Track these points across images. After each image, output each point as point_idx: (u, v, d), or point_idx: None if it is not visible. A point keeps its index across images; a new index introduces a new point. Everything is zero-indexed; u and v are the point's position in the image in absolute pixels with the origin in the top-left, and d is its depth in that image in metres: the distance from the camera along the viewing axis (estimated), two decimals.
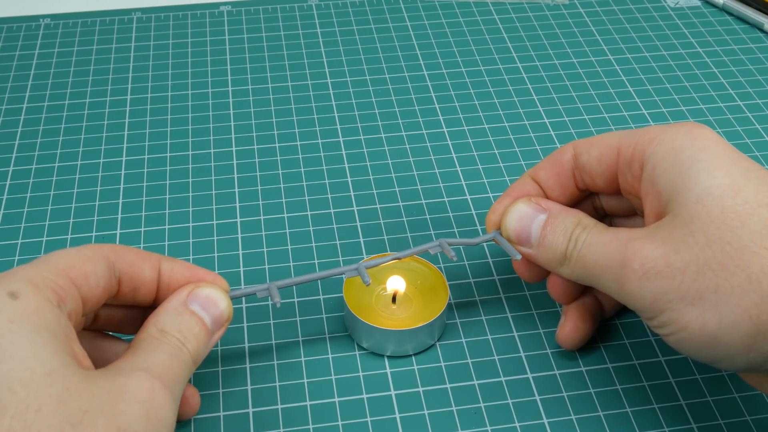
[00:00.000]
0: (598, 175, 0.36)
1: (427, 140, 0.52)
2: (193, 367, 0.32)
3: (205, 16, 0.64)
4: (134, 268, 0.33)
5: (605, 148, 0.36)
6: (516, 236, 0.37)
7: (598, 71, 0.58)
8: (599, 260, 0.33)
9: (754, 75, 0.58)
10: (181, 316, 0.32)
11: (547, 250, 0.35)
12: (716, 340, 0.30)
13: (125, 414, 0.27)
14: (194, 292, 0.33)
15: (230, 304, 0.34)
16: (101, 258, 0.32)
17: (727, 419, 0.37)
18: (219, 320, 0.33)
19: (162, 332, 0.31)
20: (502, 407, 0.37)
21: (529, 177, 0.38)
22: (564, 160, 0.37)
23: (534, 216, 0.36)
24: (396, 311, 0.40)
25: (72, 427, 0.26)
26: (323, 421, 0.36)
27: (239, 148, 0.51)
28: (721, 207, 0.31)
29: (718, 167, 0.32)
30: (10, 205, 0.47)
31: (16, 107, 0.55)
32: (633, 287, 0.32)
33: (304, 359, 0.39)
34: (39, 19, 0.63)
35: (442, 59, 0.59)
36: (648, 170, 0.34)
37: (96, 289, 0.31)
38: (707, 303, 0.30)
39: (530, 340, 0.40)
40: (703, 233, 0.30)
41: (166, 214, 0.47)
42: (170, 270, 0.34)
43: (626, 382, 0.38)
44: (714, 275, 0.30)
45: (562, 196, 0.38)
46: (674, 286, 0.30)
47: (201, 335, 0.32)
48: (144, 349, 0.30)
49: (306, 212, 0.47)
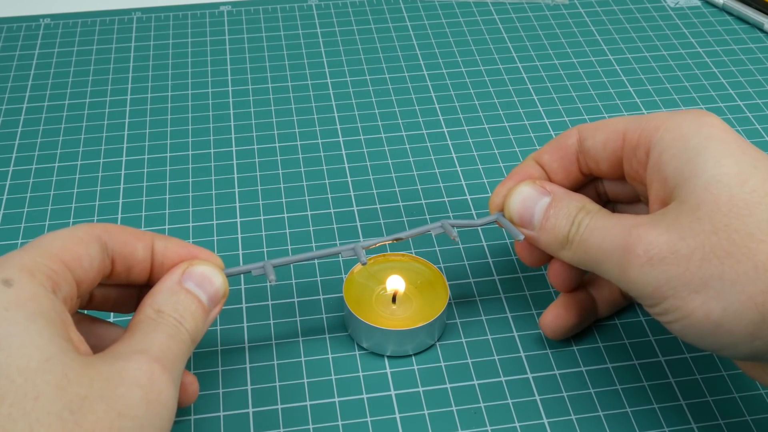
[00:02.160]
0: (603, 160, 0.36)
1: (427, 140, 0.52)
2: (192, 346, 0.32)
3: (205, 16, 0.64)
4: (127, 248, 0.32)
5: (611, 133, 0.36)
6: (519, 218, 0.36)
7: (598, 71, 0.58)
8: (602, 245, 0.33)
9: (754, 75, 0.58)
10: (176, 295, 0.32)
11: (549, 233, 0.35)
12: (720, 328, 0.30)
13: (125, 398, 0.27)
14: (188, 270, 0.33)
15: (225, 280, 0.34)
16: (94, 239, 0.31)
17: (727, 419, 0.37)
18: (215, 297, 0.33)
19: (158, 313, 0.31)
20: (502, 407, 0.37)
21: (533, 160, 0.38)
22: (568, 144, 0.37)
23: (538, 198, 0.36)
24: (396, 311, 0.40)
25: (71, 413, 0.26)
26: (323, 421, 0.36)
27: (239, 148, 0.51)
28: (729, 195, 0.30)
29: (726, 155, 0.31)
30: (10, 205, 0.47)
31: (16, 107, 0.55)
32: (636, 273, 0.31)
33: (304, 359, 0.39)
34: (39, 19, 0.63)
35: (442, 59, 0.59)
36: (654, 156, 0.33)
37: (90, 271, 0.31)
38: (712, 290, 0.30)
39: (530, 340, 0.40)
40: (710, 220, 0.30)
41: (166, 214, 0.47)
42: (164, 248, 0.33)
43: (626, 382, 0.38)
44: (719, 263, 0.30)
45: (565, 180, 0.38)
46: (678, 273, 0.30)
47: (198, 313, 0.32)
48: (141, 331, 0.30)
49: (306, 212, 0.47)
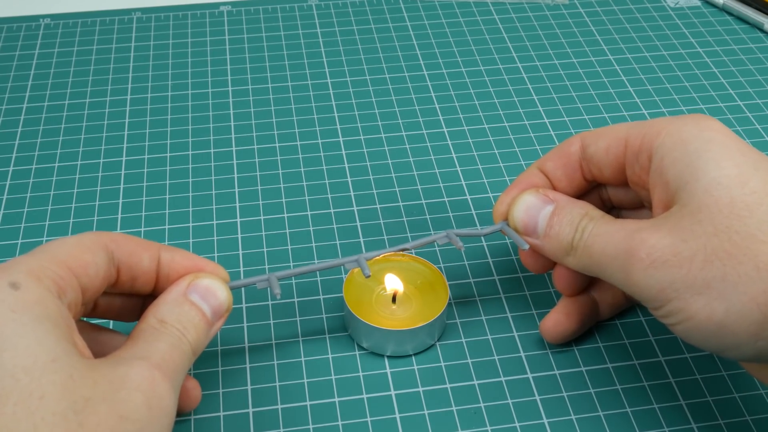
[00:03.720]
0: (606, 166, 0.36)
1: (427, 140, 0.52)
2: (193, 358, 0.32)
3: (205, 16, 0.64)
4: (133, 258, 0.33)
5: (613, 140, 0.36)
6: (523, 227, 0.37)
7: (598, 71, 0.58)
8: (606, 250, 0.33)
9: (754, 75, 0.58)
10: (180, 306, 0.32)
11: (554, 241, 0.35)
12: (724, 329, 0.30)
13: (127, 402, 0.27)
14: (194, 282, 0.33)
15: (230, 294, 0.34)
16: (100, 247, 0.31)
17: (727, 419, 0.37)
18: (218, 311, 0.33)
19: (162, 323, 0.31)
20: (502, 407, 0.37)
21: (537, 168, 0.38)
22: (571, 151, 0.37)
23: (541, 207, 0.36)
24: (396, 311, 0.39)
25: (75, 414, 0.26)
26: (323, 421, 0.36)
27: (239, 148, 0.51)
28: (729, 197, 0.30)
29: (726, 158, 0.32)
30: (10, 205, 0.47)
31: (16, 107, 0.55)
32: (639, 277, 0.32)
33: (304, 359, 0.39)
34: (39, 19, 0.63)
35: (442, 59, 0.59)
36: (656, 161, 0.34)
37: (95, 279, 0.31)
38: (714, 292, 0.30)
39: (530, 340, 0.40)
40: (711, 222, 0.30)
41: (166, 214, 0.47)
42: (170, 260, 0.34)
43: (626, 382, 0.38)
44: (721, 264, 0.30)
45: (569, 187, 0.38)
46: (681, 275, 0.30)
47: (200, 326, 0.32)
48: (144, 339, 0.30)
49: (306, 212, 0.47)
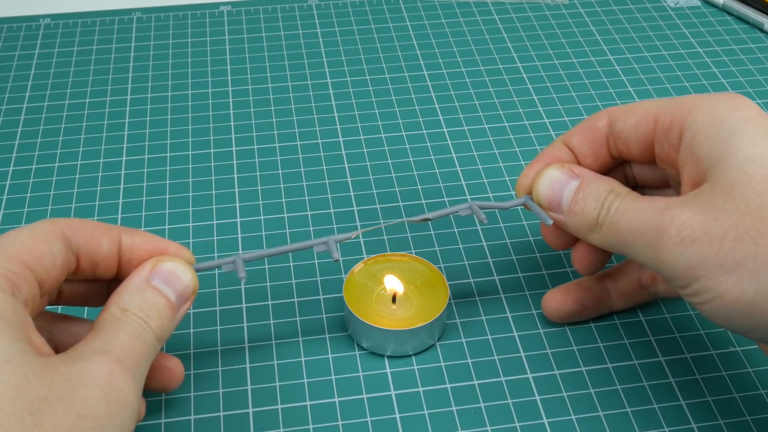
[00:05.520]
0: (634, 143, 0.36)
1: (427, 140, 0.52)
2: (159, 345, 0.31)
3: (205, 16, 0.64)
4: (92, 243, 0.32)
5: (642, 116, 0.36)
6: (547, 201, 0.36)
7: (598, 71, 0.58)
8: (633, 227, 0.33)
9: (754, 75, 0.58)
10: (143, 293, 0.31)
11: (578, 217, 0.35)
12: (753, 309, 0.30)
13: (85, 399, 0.27)
14: (156, 267, 0.32)
15: (195, 276, 0.33)
16: (56, 235, 0.31)
17: (727, 419, 0.37)
18: (183, 294, 0.32)
19: (124, 311, 0.30)
20: (502, 407, 0.37)
21: (561, 143, 0.38)
22: (598, 126, 0.37)
23: (566, 182, 0.36)
24: (396, 311, 0.39)
25: (31, 414, 0.26)
26: (323, 421, 0.36)
27: (239, 148, 0.51)
28: (764, 175, 0.30)
29: (762, 136, 0.31)
30: (10, 205, 0.47)
31: (16, 107, 0.55)
32: (668, 254, 0.31)
33: (304, 359, 0.39)
34: (39, 19, 0.63)
35: (442, 59, 0.59)
36: (687, 138, 0.33)
37: (52, 269, 0.30)
38: (745, 271, 0.30)
39: (530, 340, 0.40)
40: (744, 200, 0.30)
41: (166, 214, 0.47)
42: (131, 243, 0.33)
43: (626, 382, 0.38)
44: (753, 243, 0.29)
45: (594, 163, 0.37)
46: (711, 254, 0.30)
47: (165, 311, 0.31)
48: (105, 330, 0.30)
49: (306, 212, 0.47)
